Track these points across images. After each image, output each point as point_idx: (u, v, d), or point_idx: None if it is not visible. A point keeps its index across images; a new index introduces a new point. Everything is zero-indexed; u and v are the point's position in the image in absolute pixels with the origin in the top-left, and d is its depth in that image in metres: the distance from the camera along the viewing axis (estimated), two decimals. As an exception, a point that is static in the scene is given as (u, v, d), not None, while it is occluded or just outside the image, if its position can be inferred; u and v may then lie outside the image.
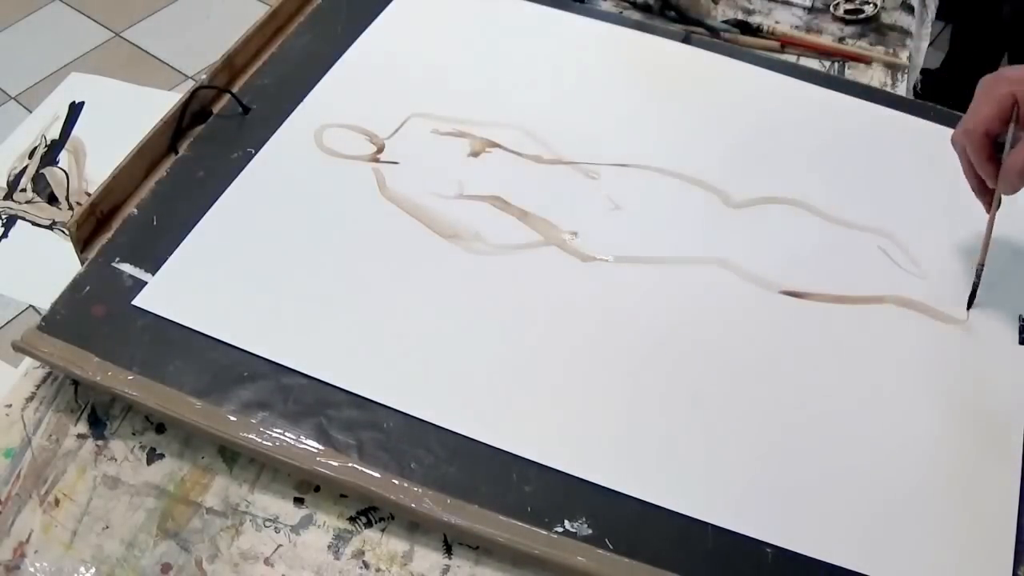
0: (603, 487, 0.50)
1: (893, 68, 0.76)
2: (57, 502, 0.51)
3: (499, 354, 0.55)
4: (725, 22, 0.79)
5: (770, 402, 0.54)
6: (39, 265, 1.42)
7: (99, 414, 0.55)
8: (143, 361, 0.54)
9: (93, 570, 0.49)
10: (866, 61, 0.76)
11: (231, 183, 0.63)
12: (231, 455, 0.53)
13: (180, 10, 1.93)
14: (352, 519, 0.51)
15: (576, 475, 0.50)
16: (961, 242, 0.62)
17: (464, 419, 0.52)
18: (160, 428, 0.54)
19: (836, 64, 0.77)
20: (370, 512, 0.51)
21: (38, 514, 0.51)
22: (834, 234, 0.62)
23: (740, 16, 0.80)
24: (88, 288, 0.57)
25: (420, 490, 0.49)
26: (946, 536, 0.49)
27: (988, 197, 0.58)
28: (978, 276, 0.60)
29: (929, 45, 0.83)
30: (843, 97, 0.71)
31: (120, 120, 1.62)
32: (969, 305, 0.60)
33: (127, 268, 0.58)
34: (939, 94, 1.59)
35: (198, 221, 0.61)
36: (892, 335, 0.57)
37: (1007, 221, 0.64)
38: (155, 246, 0.59)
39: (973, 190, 0.59)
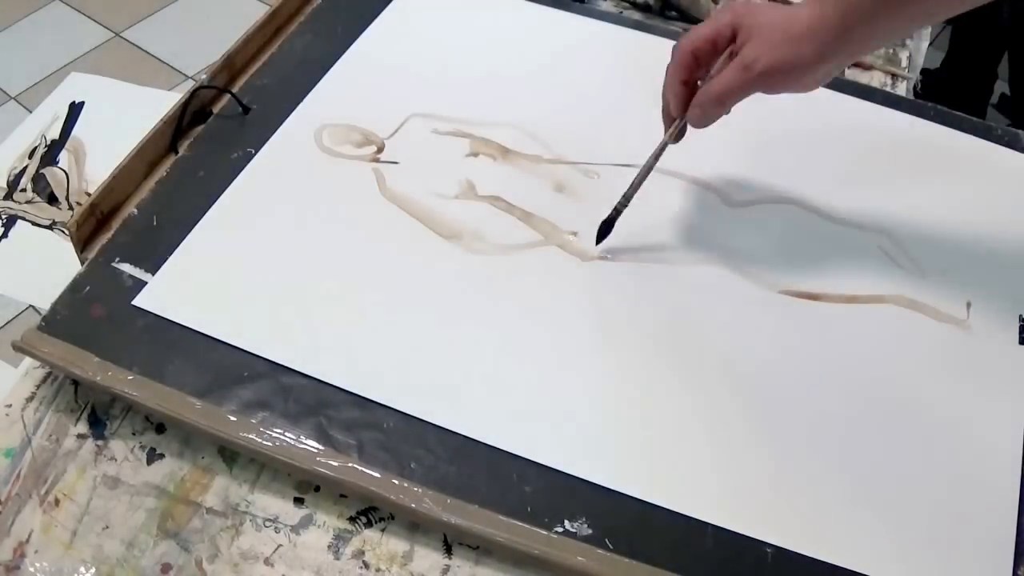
0: (603, 487, 0.50)
1: (893, 72, 0.76)
2: (57, 502, 0.51)
3: (499, 354, 0.55)
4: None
5: (769, 402, 0.54)
6: (39, 265, 1.42)
7: (99, 414, 0.55)
8: (143, 361, 0.54)
9: (93, 570, 0.49)
10: (866, 68, 0.76)
11: (231, 183, 0.63)
12: (231, 455, 0.53)
13: (180, 10, 1.93)
14: (352, 519, 0.51)
15: (576, 475, 0.50)
16: (961, 242, 0.62)
17: (464, 419, 0.52)
18: (160, 428, 0.54)
19: (836, 64, 0.77)
20: (370, 512, 0.51)
21: (38, 514, 0.51)
22: (834, 234, 0.62)
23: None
24: (88, 288, 0.57)
25: (420, 490, 0.49)
26: (946, 536, 0.49)
27: (671, 121, 0.55)
28: (618, 210, 0.58)
29: (929, 45, 0.83)
30: (843, 97, 0.71)
31: (120, 120, 1.62)
32: (597, 241, 0.59)
33: (127, 268, 0.58)
34: (939, 94, 1.59)
35: (198, 221, 0.61)
36: (892, 335, 0.57)
37: (1006, 221, 0.64)
38: (155, 246, 0.59)
39: (663, 110, 0.56)
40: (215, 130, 0.67)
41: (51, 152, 1.59)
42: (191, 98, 0.67)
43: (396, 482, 0.50)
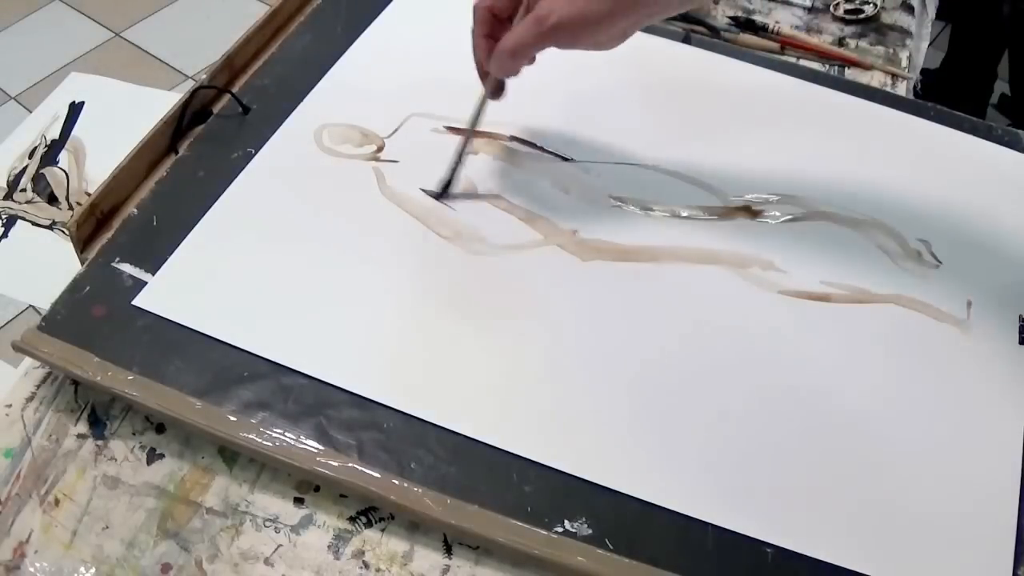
0: (603, 487, 0.50)
1: (893, 72, 0.76)
2: (57, 502, 0.51)
3: (499, 354, 0.55)
4: (728, 19, 0.79)
5: (770, 402, 0.54)
6: (39, 265, 1.42)
7: (99, 414, 0.55)
8: (143, 361, 0.54)
9: (93, 570, 0.49)
10: (867, 67, 0.76)
11: (231, 183, 0.63)
12: (231, 455, 0.53)
13: (180, 10, 1.93)
14: (352, 519, 0.51)
15: (576, 475, 0.50)
16: (961, 242, 0.62)
17: (464, 419, 0.52)
18: (160, 428, 0.54)
19: (836, 64, 0.77)
20: (370, 512, 0.51)
21: (38, 514, 0.51)
22: (833, 234, 0.62)
23: (740, 15, 0.80)
24: (88, 288, 0.57)
25: (420, 490, 0.49)
26: (946, 536, 0.49)
27: (485, 76, 0.58)
28: (457, 163, 0.61)
29: (929, 45, 0.83)
30: (843, 97, 0.71)
31: (120, 120, 1.62)
32: (442, 194, 0.62)
33: (127, 268, 0.58)
34: (939, 94, 1.59)
35: (198, 221, 0.61)
36: (892, 335, 0.57)
37: (1006, 221, 0.64)
38: (155, 246, 0.59)
39: (476, 68, 0.58)
40: (215, 130, 0.67)
41: (51, 152, 1.59)
42: (191, 98, 0.67)
43: (396, 482, 0.50)
